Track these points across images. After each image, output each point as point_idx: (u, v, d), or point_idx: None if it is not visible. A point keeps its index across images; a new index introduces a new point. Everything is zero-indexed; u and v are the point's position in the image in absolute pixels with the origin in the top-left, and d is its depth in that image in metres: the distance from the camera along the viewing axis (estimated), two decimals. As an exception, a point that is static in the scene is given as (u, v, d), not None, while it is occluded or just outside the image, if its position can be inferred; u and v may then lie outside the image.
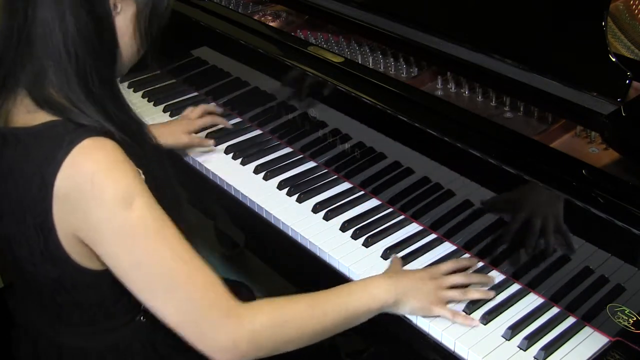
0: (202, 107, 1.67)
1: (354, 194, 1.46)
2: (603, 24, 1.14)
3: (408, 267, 1.27)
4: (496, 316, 1.16)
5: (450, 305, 1.17)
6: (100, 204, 0.95)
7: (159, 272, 0.97)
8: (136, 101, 1.86)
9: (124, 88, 1.89)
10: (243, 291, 1.53)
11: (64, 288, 1.06)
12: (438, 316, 1.15)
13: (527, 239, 1.18)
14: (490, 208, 1.23)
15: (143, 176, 1.02)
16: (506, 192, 1.19)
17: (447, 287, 1.17)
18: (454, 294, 1.17)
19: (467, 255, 1.29)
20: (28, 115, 1.00)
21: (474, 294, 1.17)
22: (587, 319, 1.13)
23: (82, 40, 0.98)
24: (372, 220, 1.38)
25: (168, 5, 1.09)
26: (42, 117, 0.99)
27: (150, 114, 1.79)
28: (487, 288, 1.20)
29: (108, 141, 0.97)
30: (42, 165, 0.96)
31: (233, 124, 1.72)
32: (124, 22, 1.04)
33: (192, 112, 1.65)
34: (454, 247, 1.31)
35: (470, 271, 1.24)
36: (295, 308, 1.05)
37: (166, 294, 0.98)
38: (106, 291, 1.07)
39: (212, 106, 1.67)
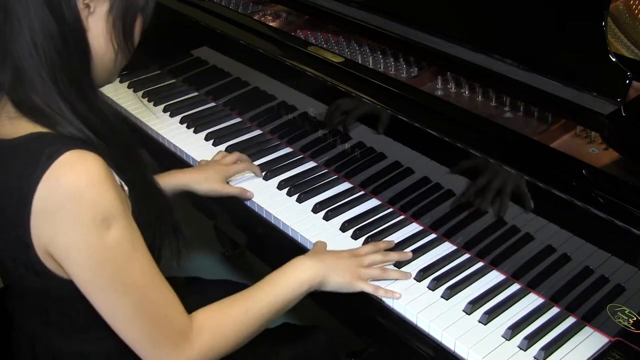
0: (236, 154, 1.55)
1: (354, 194, 1.46)
2: (603, 24, 1.14)
3: (408, 267, 1.27)
4: (496, 316, 1.16)
5: (452, 304, 1.17)
6: (76, 224, 0.92)
7: (126, 295, 0.97)
8: (136, 101, 1.86)
9: (124, 88, 1.90)
10: (242, 289, 1.53)
11: (50, 298, 1.05)
12: (440, 311, 1.15)
13: (527, 239, 1.18)
14: (490, 208, 1.23)
15: (127, 189, 1.01)
16: (506, 192, 1.19)
17: (367, 264, 1.22)
18: (374, 272, 1.22)
19: (467, 255, 1.29)
20: (10, 122, 0.97)
21: (394, 274, 1.23)
22: (587, 319, 1.13)
23: (48, 42, 0.94)
24: (372, 220, 1.38)
25: (147, 5, 1.04)
26: (24, 124, 0.96)
27: (150, 114, 1.79)
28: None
29: (89, 155, 0.93)
30: (21, 179, 0.93)
31: (233, 124, 1.73)
32: (98, 22, 1.00)
33: (225, 158, 1.54)
34: (454, 247, 1.31)
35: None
36: (233, 318, 1.09)
37: (129, 316, 0.99)
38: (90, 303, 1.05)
39: (244, 155, 1.57)
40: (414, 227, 1.37)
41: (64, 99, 0.97)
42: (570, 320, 1.15)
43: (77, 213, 0.92)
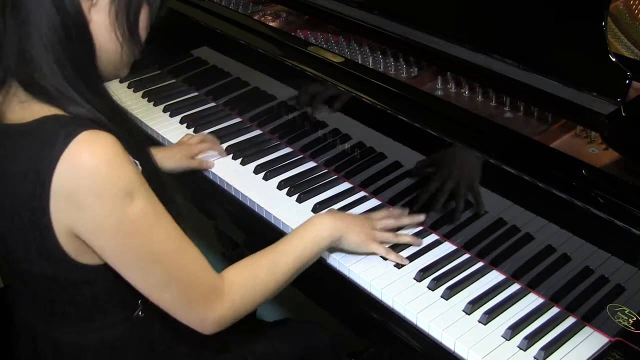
0: (201, 135, 1.65)
1: (354, 194, 1.46)
2: (603, 24, 1.14)
3: (409, 266, 1.27)
4: (496, 316, 1.16)
5: (452, 304, 1.18)
6: (100, 201, 0.94)
7: (157, 263, 1.00)
8: (136, 101, 1.86)
9: (124, 88, 1.90)
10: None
11: (59, 285, 1.06)
12: (440, 311, 1.15)
13: (527, 238, 1.18)
14: (491, 208, 1.23)
15: (140, 167, 1.02)
16: (506, 192, 1.19)
17: (380, 228, 1.30)
18: (387, 235, 1.29)
19: (467, 255, 1.29)
20: (21, 107, 0.98)
21: (405, 238, 1.31)
22: (587, 319, 1.13)
23: (52, 33, 0.95)
24: (372, 220, 1.38)
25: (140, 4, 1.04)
26: (36, 108, 0.97)
27: (150, 114, 1.79)
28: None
29: (105, 134, 0.95)
30: (37, 162, 0.94)
31: (233, 124, 1.73)
32: (100, 14, 0.99)
33: (191, 139, 1.62)
34: (454, 247, 1.31)
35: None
36: (262, 272, 1.13)
37: (162, 283, 1.01)
38: (102, 287, 1.07)
39: (210, 136, 1.64)
40: (414, 227, 1.37)
41: (72, 86, 0.98)
42: (570, 320, 1.15)
43: (99, 190, 0.93)
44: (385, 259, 1.28)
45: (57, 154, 0.92)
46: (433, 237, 1.34)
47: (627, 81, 1.12)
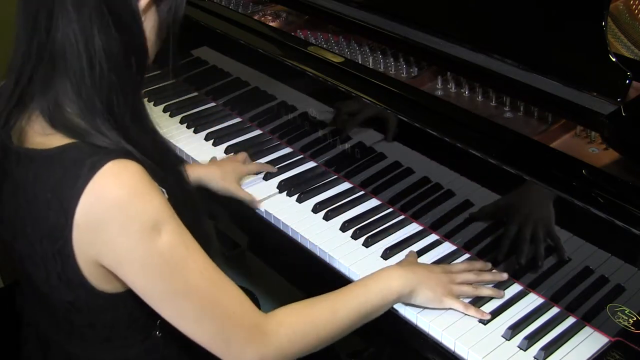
0: (244, 154, 1.57)
1: (354, 194, 1.46)
2: (603, 24, 1.14)
3: (408, 267, 1.27)
4: (496, 316, 1.16)
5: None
6: (126, 234, 0.91)
7: (190, 297, 0.95)
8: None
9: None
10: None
11: (78, 310, 1.03)
12: (440, 311, 1.15)
13: (527, 239, 1.18)
14: (490, 208, 1.23)
15: (166, 195, 0.99)
16: (506, 192, 1.19)
17: (459, 282, 1.19)
18: (466, 289, 1.18)
19: (467, 255, 1.29)
20: (43, 136, 0.95)
21: (486, 291, 1.19)
22: (587, 319, 1.13)
23: (109, 58, 0.92)
24: (372, 220, 1.38)
25: (183, 11, 1.04)
26: (57, 140, 0.94)
27: (150, 114, 1.79)
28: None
29: (131, 163, 0.92)
30: (60, 191, 0.91)
31: (233, 124, 1.73)
32: (148, 34, 0.99)
33: (238, 156, 1.55)
34: (454, 247, 1.31)
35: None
36: (317, 317, 1.05)
37: (196, 318, 0.97)
38: (122, 313, 1.04)
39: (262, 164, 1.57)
40: (414, 227, 1.37)
41: (115, 118, 0.95)
42: (570, 320, 1.15)
43: (125, 223, 0.90)
44: (386, 258, 1.28)
45: (82, 185, 0.89)
46: (430, 237, 1.34)
47: (627, 81, 1.12)
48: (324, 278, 1.31)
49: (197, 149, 1.64)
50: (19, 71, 0.95)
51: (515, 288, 1.22)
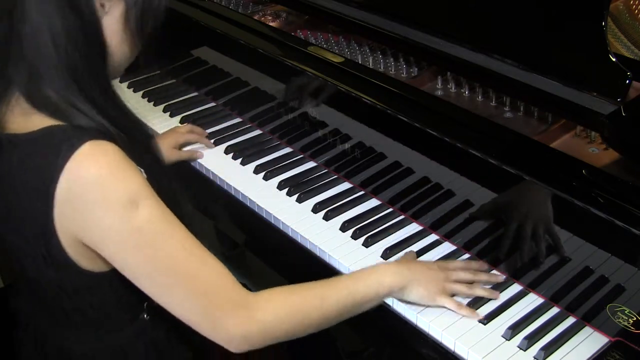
0: (188, 125, 1.68)
1: (354, 194, 1.46)
2: (603, 24, 1.14)
3: (408, 267, 1.27)
4: (496, 316, 1.16)
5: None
6: (106, 210, 0.93)
7: (171, 272, 0.97)
8: (136, 101, 1.86)
9: (124, 88, 1.90)
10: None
11: (66, 293, 1.05)
12: (440, 311, 1.15)
13: (527, 239, 1.18)
14: (490, 208, 1.23)
15: (145, 175, 1.02)
16: (506, 192, 1.19)
17: (454, 280, 1.18)
18: (460, 287, 1.18)
19: (467, 255, 1.29)
20: (23, 118, 0.99)
21: (480, 291, 1.18)
22: (587, 319, 1.13)
23: (69, 40, 0.96)
24: (372, 220, 1.38)
25: (160, 4, 1.06)
26: (38, 120, 0.97)
27: (150, 114, 1.79)
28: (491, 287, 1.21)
29: (108, 144, 0.95)
30: (41, 172, 0.94)
31: (233, 124, 1.73)
32: (113, 21, 1.01)
33: (178, 128, 1.65)
34: (454, 247, 1.31)
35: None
36: (305, 299, 1.05)
37: (179, 292, 0.98)
38: (107, 293, 1.06)
39: (197, 127, 1.67)
40: (414, 227, 1.37)
41: (85, 94, 0.98)
42: (570, 320, 1.15)
43: (103, 199, 0.93)
44: (386, 258, 1.28)
45: (61, 164, 0.93)
46: (430, 237, 1.33)
47: (627, 81, 1.12)
48: (324, 278, 1.31)
49: (197, 149, 1.64)
50: None
51: (515, 288, 1.21)
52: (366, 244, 1.32)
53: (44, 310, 1.13)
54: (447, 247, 1.31)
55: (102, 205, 0.93)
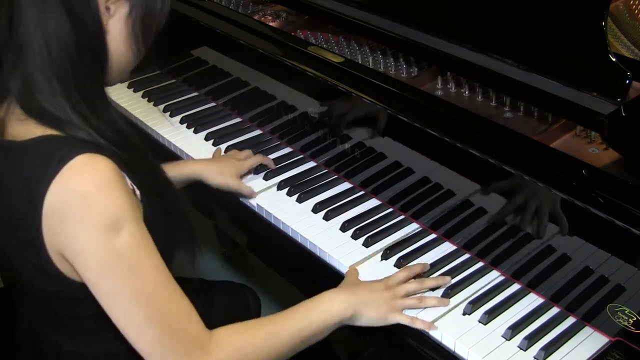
0: (248, 151, 1.57)
1: (354, 194, 1.46)
2: (603, 24, 1.14)
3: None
4: (496, 316, 1.16)
5: (452, 305, 1.18)
6: (85, 228, 0.92)
7: (138, 299, 0.95)
8: (136, 101, 1.86)
9: (124, 88, 1.90)
10: (248, 295, 1.53)
11: (60, 300, 1.05)
12: (440, 311, 1.15)
13: (527, 239, 1.18)
14: (491, 208, 1.23)
15: (139, 192, 1.00)
16: (506, 192, 1.19)
17: (402, 295, 1.17)
18: (410, 302, 1.17)
19: (467, 255, 1.29)
20: (19, 124, 0.98)
21: (431, 301, 1.18)
22: (587, 319, 1.13)
23: (61, 49, 0.95)
24: (372, 220, 1.38)
25: (164, 6, 1.05)
26: (32, 127, 0.96)
27: (151, 114, 1.79)
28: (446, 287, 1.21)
29: (100, 158, 0.93)
30: (31, 182, 0.93)
31: (233, 124, 1.73)
32: (118, 25, 1.00)
33: (239, 154, 1.55)
34: (454, 247, 1.31)
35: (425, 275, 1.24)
36: (257, 339, 1.05)
37: (140, 324, 0.97)
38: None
39: (260, 156, 1.57)
40: (414, 227, 1.37)
41: (74, 109, 0.97)
42: (570, 320, 1.15)
43: (85, 216, 0.91)
44: (386, 258, 1.28)
45: (50, 176, 0.91)
46: (430, 237, 1.34)
47: (627, 81, 1.12)
48: (324, 278, 1.31)
49: (197, 149, 1.64)
50: None
51: (515, 288, 1.22)
52: (366, 244, 1.32)
53: (40, 313, 1.12)
54: (447, 247, 1.31)
55: (83, 222, 0.92)
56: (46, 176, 0.91)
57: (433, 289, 1.22)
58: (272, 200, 1.46)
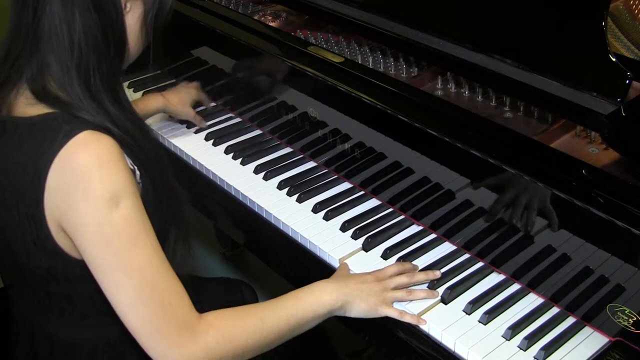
0: (196, 84, 1.74)
1: (354, 194, 1.46)
2: (603, 24, 1.14)
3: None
4: (496, 316, 1.16)
5: (452, 304, 1.18)
6: (86, 199, 0.95)
7: (132, 274, 0.97)
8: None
9: (124, 88, 1.90)
10: (245, 290, 1.53)
11: (55, 279, 1.07)
12: (440, 311, 1.15)
13: (527, 239, 1.18)
14: (491, 208, 1.23)
15: (139, 173, 1.03)
16: (506, 192, 1.19)
17: (392, 288, 1.18)
18: (400, 294, 1.18)
19: (467, 255, 1.29)
20: (27, 107, 1.01)
21: (420, 294, 1.19)
22: (587, 319, 1.13)
23: (88, 39, 0.99)
24: (372, 220, 1.38)
25: (172, 4, 1.12)
26: (40, 109, 1.00)
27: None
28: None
29: (105, 136, 0.98)
30: (37, 156, 0.97)
31: (233, 124, 1.73)
32: (133, 21, 1.06)
33: (189, 85, 1.72)
34: (454, 247, 1.31)
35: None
36: (246, 323, 1.06)
37: (132, 298, 0.98)
38: (96, 284, 1.05)
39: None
40: (414, 227, 1.37)
41: (91, 95, 1.01)
42: (570, 320, 1.15)
43: (86, 188, 0.95)
44: (386, 258, 1.28)
45: (56, 150, 0.95)
46: (430, 237, 1.34)
47: (627, 81, 1.12)
48: (324, 278, 1.31)
49: (197, 149, 1.64)
50: (8, 48, 1.03)
51: (515, 288, 1.22)
52: (366, 244, 1.32)
53: (31, 297, 1.13)
54: (447, 247, 1.31)
55: (83, 195, 0.95)
56: (52, 149, 0.95)
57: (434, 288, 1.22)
58: (272, 200, 1.46)
